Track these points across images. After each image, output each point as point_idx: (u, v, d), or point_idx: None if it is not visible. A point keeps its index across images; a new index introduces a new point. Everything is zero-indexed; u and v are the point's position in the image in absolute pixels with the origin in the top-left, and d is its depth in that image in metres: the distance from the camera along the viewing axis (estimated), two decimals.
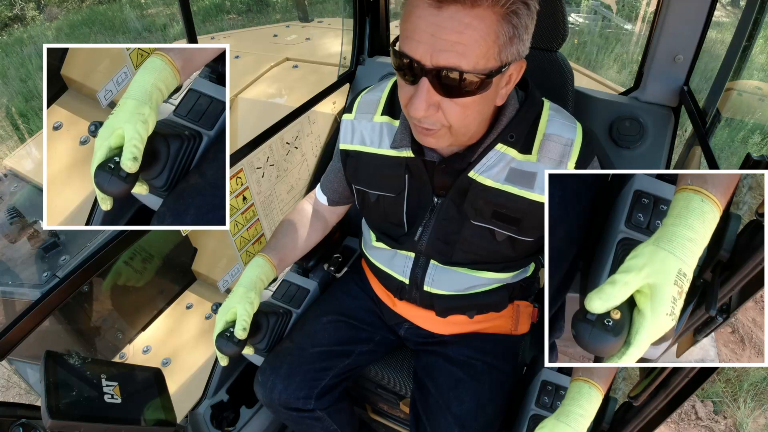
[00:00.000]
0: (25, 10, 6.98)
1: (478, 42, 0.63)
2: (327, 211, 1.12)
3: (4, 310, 1.22)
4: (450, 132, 0.73)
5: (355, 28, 1.56)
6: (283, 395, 1.00)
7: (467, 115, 0.71)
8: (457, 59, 0.63)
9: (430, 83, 0.66)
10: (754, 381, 1.91)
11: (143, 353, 1.27)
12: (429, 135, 0.74)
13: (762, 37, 3.46)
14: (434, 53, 0.63)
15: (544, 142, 0.81)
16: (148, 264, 1.23)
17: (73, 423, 0.74)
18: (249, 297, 0.91)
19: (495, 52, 0.65)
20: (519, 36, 0.66)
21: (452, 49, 0.63)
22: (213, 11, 7.16)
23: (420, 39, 0.64)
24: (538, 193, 0.81)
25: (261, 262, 0.97)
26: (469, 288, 0.96)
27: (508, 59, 0.67)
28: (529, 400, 0.92)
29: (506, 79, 0.72)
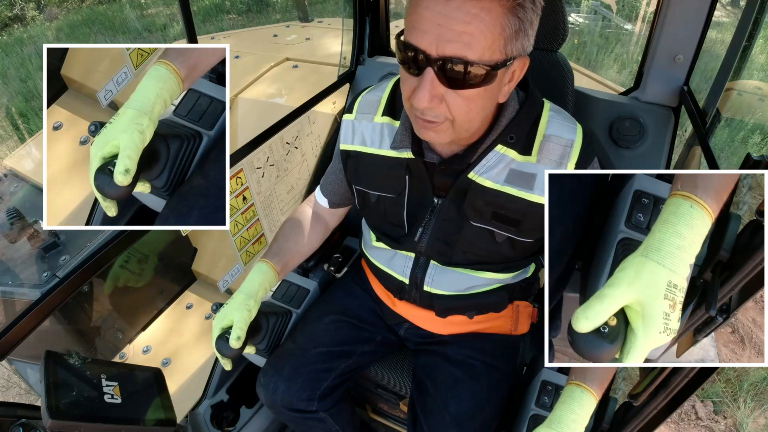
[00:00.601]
0: (25, 10, 6.98)
1: (484, 33, 0.63)
2: (327, 214, 1.12)
3: (4, 310, 1.22)
4: (452, 127, 0.73)
5: (355, 28, 1.56)
6: (286, 396, 1.00)
7: (471, 109, 0.71)
8: (463, 49, 0.63)
9: (435, 74, 0.66)
10: (754, 381, 1.91)
11: (143, 353, 1.28)
12: (430, 129, 0.73)
13: (762, 37, 3.46)
14: (440, 43, 0.63)
15: (544, 143, 0.81)
16: (148, 264, 1.24)
17: (73, 423, 0.74)
18: (248, 305, 0.90)
19: (500, 44, 0.65)
20: (524, 30, 0.66)
21: (458, 39, 0.63)
22: (213, 11, 7.16)
23: (426, 29, 0.64)
24: (538, 194, 0.81)
25: (265, 269, 0.96)
26: (468, 288, 0.96)
27: (512, 53, 0.67)
28: (529, 400, 0.92)
29: (510, 75, 0.72)
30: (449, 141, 0.77)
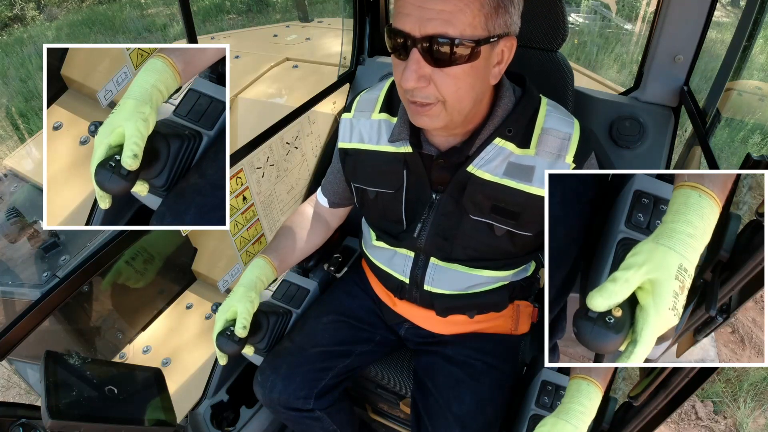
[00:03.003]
0: (25, 10, 6.98)
1: (463, 10, 0.66)
2: (328, 214, 1.12)
3: (4, 310, 1.22)
4: (445, 108, 0.74)
5: (355, 28, 1.56)
6: (283, 395, 1.00)
7: (459, 87, 0.72)
8: (444, 26, 0.66)
9: (420, 54, 0.69)
10: (754, 381, 1.91)
11: (143, 353, 1.27)
12: (423, 113, 0.75)
13: (762, 37, 3.46)
14: (422, 23, 0.67)
15: (542, 136, 0.82)
16: (148, 264, 1.23)
17: (73, 423, 0.74)
18: (249, 296, 0.92)
19: (481, 20, 0.68)
20: (504, 7, 0.69)
21: (438, 17, 0.66)
22: (213, 11, 7.16)
23: (409, 12, 0.68)
24: (537, 186, 0.81)
25: (261, 263, 0.98)
26: (469, 287, 0.96)
27: (495, 31, 0.70)
28: (529, 400, 0.92)
29: (497, 55, 0.74)
30: (443, 125, 0.77)
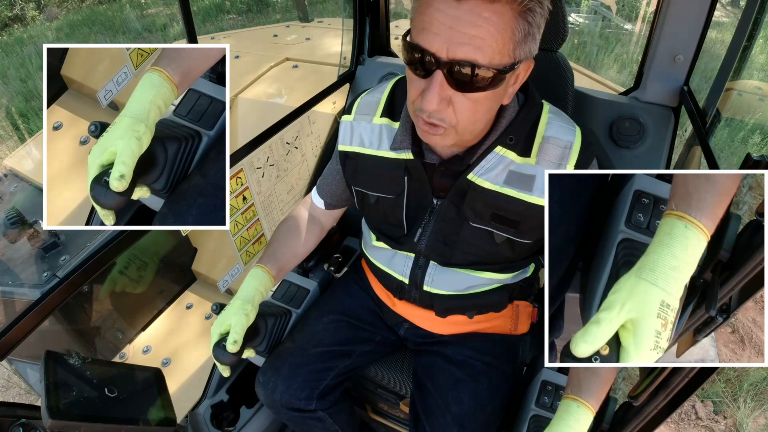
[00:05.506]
0: (25, 10, 6.98)
1: (494, 37, 0.63)
2: (323, 215, 1.12)
3: (4, 310, 1.22)
4: (456, 130, 0.73)
5: (355, 28, 1.56)
6: (285, 396, 1.00)
7: (476, 111, 0.71)
8: (474, 53, 0.63)
9: (444, 77, 0.66)
10: (754, 381, 1.91)
11: (143, 353, 1.27)
12: (435, 133, 0.73)
13: (762, 37, 3.46)
14: (451, 46, 0.63)
15: (543, 145, 0.81)
16: (148, 264, 1.24)
17: (73, 423, 0.74)
18: (245, 309, 0.91)
19: (510, 48, 0.65)
20: (532, 34, 0.67)
21: (470, 43, 0.63)
22: (213, 11, 7.16)
23: (438, 31, 0.64)
24: (537, 195, 0.81)
25: (260, 274, 0.97)
26: (468, 288, 0.96)
27: (520, 57, 0.68)
28: (530, 400, 0.92)
29: (515, 77, 0.73)
30: (453, 144, 0.77)
